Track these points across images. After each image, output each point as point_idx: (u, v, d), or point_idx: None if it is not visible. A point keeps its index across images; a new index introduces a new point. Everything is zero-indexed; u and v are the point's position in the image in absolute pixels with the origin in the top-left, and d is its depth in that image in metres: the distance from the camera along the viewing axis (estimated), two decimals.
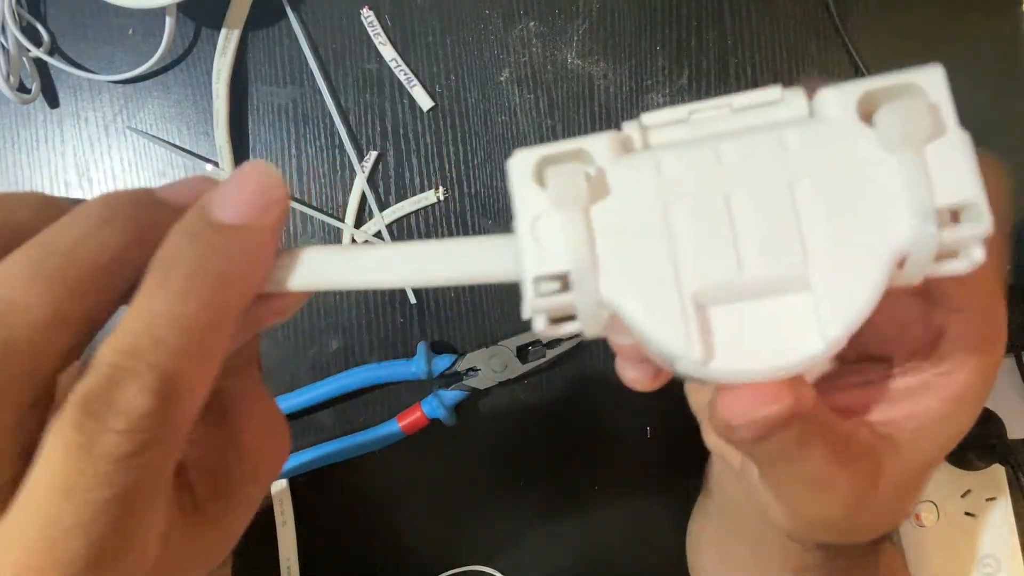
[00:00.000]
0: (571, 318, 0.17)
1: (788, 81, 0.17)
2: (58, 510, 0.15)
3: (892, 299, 0.16)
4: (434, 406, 0.41)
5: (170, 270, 0.16)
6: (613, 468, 0.44)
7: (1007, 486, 0.40)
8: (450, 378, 0.42)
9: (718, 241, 0.16)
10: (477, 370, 0.42)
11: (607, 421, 0.43)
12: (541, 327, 0.17)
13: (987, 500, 0.40)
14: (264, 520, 0.43)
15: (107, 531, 0.15)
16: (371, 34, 0.42)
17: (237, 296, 0.17)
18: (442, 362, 0.41)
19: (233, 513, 0.20)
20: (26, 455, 0.15)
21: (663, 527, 0.43)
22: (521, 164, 0.17)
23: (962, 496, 0.40)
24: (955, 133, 0.16)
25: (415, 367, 0.41)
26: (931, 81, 0.16)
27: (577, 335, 0.18)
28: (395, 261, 0.18)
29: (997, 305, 0.20)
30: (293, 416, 0.43)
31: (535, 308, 0.16)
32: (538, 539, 0.44)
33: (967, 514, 0.40)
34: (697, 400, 0.28)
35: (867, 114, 0.16)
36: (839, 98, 0.16)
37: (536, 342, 0.42)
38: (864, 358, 0.23)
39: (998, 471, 0.40)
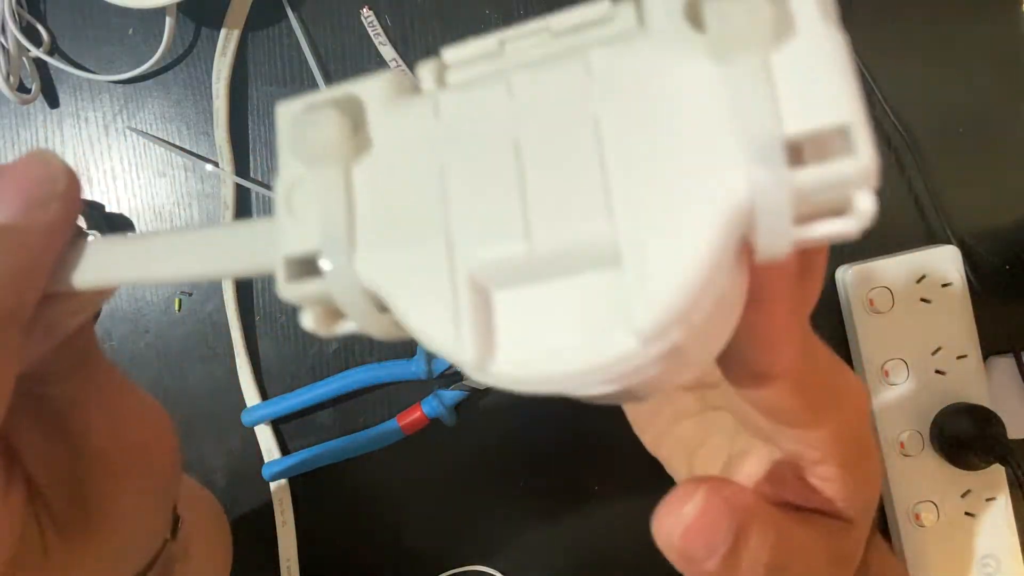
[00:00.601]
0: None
1: None
2: None
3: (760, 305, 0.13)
4: (434, 406, 0.41)
5: None
6: (613, 468, 0.44)
7: (1007, 486, 0.40)
8: (450, 378, 0.42)
9: (501, 204, 0.12)
10: None
11: (607, 421, 0.43)
12: (310, 324, 0.13)
13: (987, 500, 0.40)
14: (264, 520, 0.43)
15: None
16: (371, 34, 0.42)
17: (12, 304, 0.15)
18: (442, 362, 0.41)
19: (107, 525, 0.19)
20: None
21: None
22: (283, 119, 0.13)
23: (962, 496, 0.40)
24: (817, 32, 0.11)
25: (415, 367, 0.41)
26: None
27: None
28: (173, 251, 0.15)
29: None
30: (293, 416, 0.43)
31: (291, 297, 0.13)
32: (538, 539, 0.44)
33: (967, 514, 0.40)
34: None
35: (700, 18, 0.12)
36: (662, 0, 0.12)
37: None
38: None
39: (998, 471, 0.40)
